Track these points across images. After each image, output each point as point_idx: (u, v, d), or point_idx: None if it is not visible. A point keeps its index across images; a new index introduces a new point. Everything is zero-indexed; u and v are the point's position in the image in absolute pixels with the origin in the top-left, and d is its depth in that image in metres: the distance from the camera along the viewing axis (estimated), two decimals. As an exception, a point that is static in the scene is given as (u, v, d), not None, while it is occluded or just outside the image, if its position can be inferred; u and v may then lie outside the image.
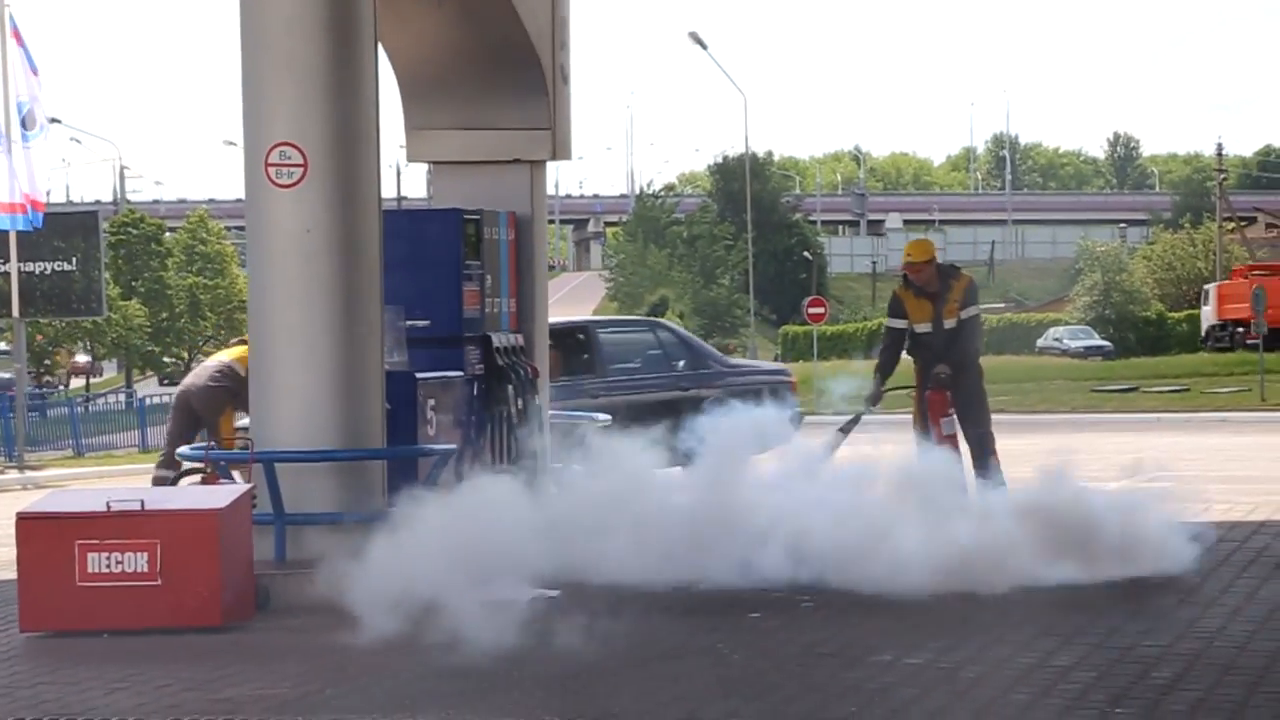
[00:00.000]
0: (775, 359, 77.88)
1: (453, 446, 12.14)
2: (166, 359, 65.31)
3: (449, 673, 8.58)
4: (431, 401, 12.38)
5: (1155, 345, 66.04)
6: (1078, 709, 7.46)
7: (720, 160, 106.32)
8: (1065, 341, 69.21)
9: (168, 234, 67.19)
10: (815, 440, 13.14)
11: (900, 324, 13.57)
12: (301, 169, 11.44)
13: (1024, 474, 12.40)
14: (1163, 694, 7.69)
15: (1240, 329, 59.82)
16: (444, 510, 10.60)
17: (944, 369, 13.38)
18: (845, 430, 13.39)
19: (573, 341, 20.31)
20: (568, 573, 10.80)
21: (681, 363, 20.99)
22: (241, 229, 13.04)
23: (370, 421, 11.61)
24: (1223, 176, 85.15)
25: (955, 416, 13.43)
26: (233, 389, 14.41)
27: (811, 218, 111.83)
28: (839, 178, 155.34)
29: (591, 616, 9.42)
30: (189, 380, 14.93)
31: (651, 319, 31.35)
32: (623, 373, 20.93)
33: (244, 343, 14.17)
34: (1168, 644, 8.76)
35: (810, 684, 8.11)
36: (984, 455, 13.42)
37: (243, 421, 14.14)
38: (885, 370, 13.73)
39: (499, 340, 13.34)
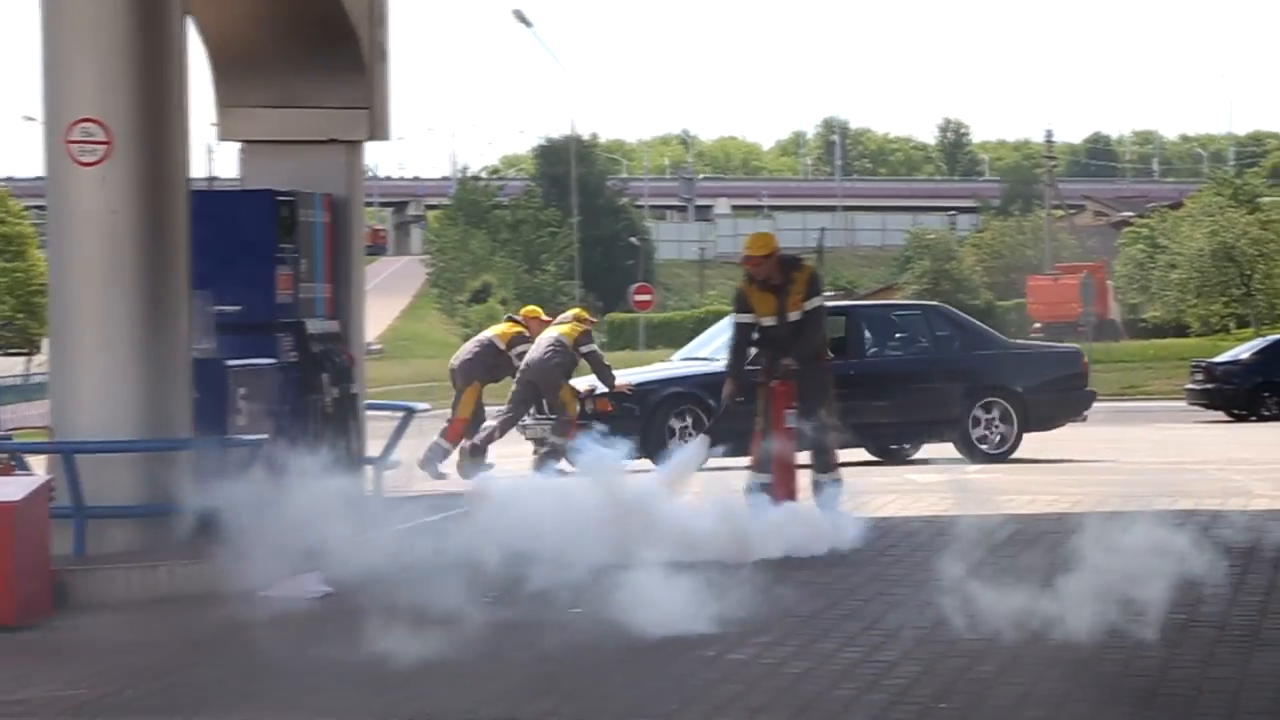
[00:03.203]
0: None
1: (264, 437, 12.01)
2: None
3: (259, 671, 8.49)
4: (242, 390, 12.24)
5: (984, 334, 67.05)
6: (902, 704, 7.55)
7: (545, 142, 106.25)
8: (895, 329, 70.03)
9: (-38, 213, 65.80)
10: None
11: (747, 319, 13.63)
12: (105, 146, 11.25)
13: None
14: (987, 688, 7.81)
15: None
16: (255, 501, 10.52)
17: (791, 361, 13.47)
18: (710, 430, 13.56)
19: (834, 325, 20.70)
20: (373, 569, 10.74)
21: (954, 342, 21.39)
22: (42, 209, 12.82)
23: (177, 411, 11.46)
24: (1052, 164, 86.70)
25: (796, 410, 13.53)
26: (489, 364, 19.31)
27: (639, 202, 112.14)
28: (667, 161, 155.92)
29: (406, 614, 9.37)
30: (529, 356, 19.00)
31: (926, 303, 32.00)
32: (888, 353, 21.47)
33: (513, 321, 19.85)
34: (992, 637, 8.89)
35: (630, 680, 8.12)
36: (823, 451, 13.54)
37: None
38: (738, 366, 13.79)
39: (314, 327, 13.22)
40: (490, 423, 19.55)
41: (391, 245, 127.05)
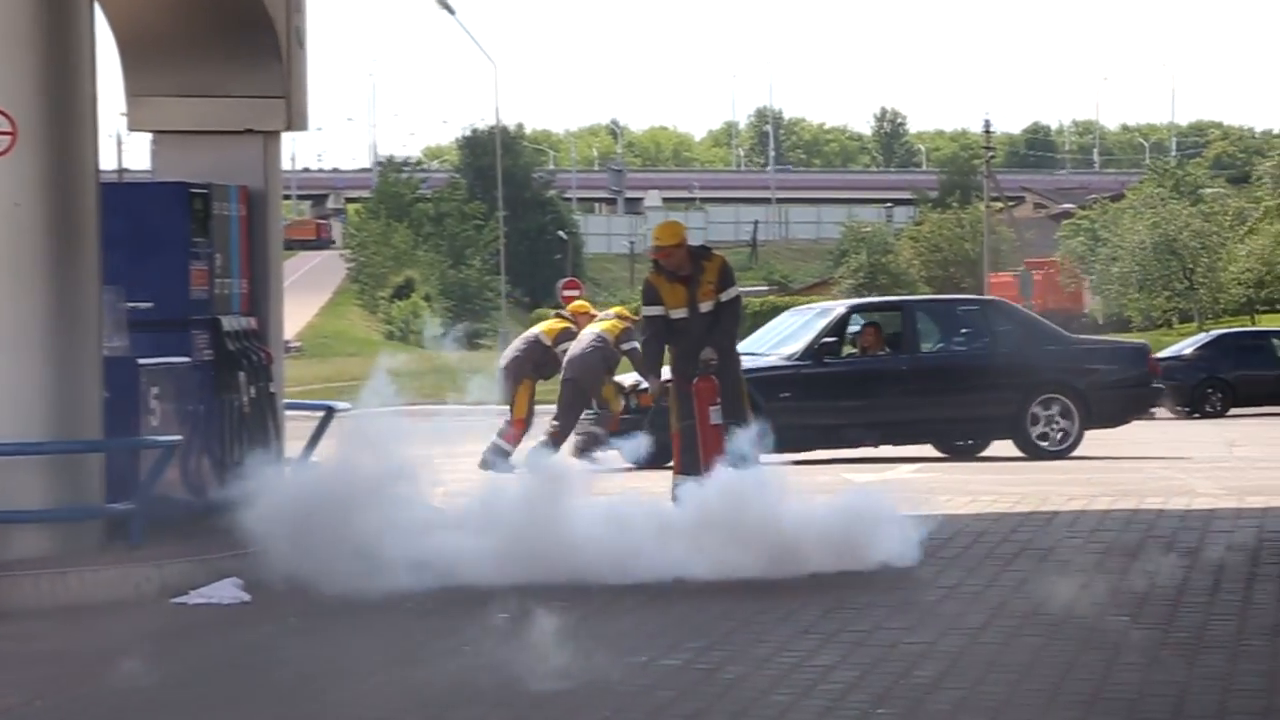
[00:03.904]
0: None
1: (177, 438, 11.94)
2: None
3: (173, 681, 8.44)
4: (155, 389, 12.16)
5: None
6: (839, 709, 7.57)
7: (469, 133, 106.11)
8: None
9: None
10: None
11: (657, 311, 13.62)
12: (9, 138, 11.16)
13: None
14: (926, 693, 7.84)
15: None
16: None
17: (711, 355, 13.47)
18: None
19: (890, 319, 21.74)
20: (291, 576, 10.71)
21: (1012, 338, 21.60)
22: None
23: (86, 411, 11.37)
24: (990, 155, 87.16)
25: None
26: (536, 361, 19.84)
27: (566, 195, 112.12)
28: (595, 153, 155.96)
29: (327, 620, 9.34)
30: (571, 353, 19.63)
31: (986, 298, 32.42)
32: (944, 349, 21.83)
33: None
34: (931, 641, 8.93)
35: (563, 686, 8.11)
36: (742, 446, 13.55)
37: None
38: (654, 362, 13.80)
39: (229, 324, 13.13)
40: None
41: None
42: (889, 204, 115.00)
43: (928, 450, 21.29)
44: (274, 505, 11.18)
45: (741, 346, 23.88)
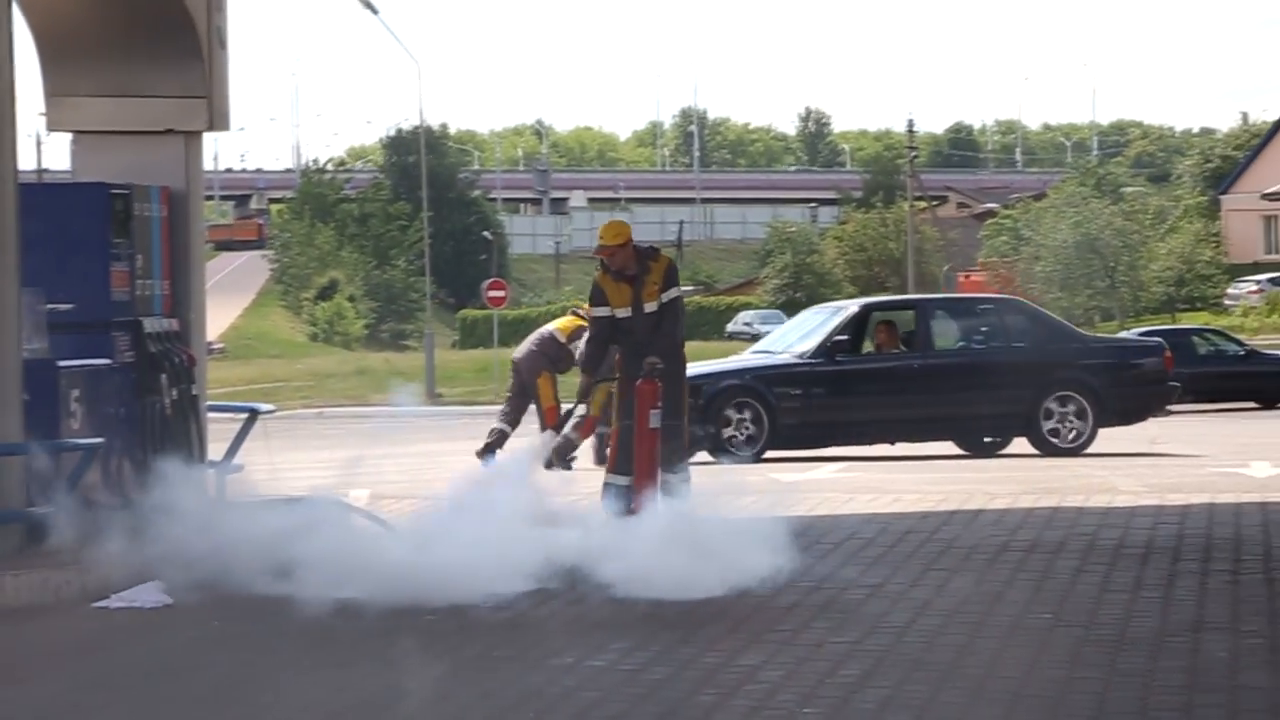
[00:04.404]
0: (453, 345, 77.89)
1: (99, 440, 11.84)
2: None
3: (95, 686, 8.37)
4: (75, 392, 12.06)
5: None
6: (765, 709, 7.58)
7: (393, 133, 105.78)
8: (756, 326, 70.54)
9: None
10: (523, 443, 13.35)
11: (604, 312, 13.60)
12: (-73, 137, 11.03)
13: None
14: (852, 692, 7.86)
15: None
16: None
17: (656, 360, 13.46)
18: (558, 429, 13.57)
19: (904, 317, 22.00)
20: (217, 580, 10.64)
21: (1028, 337, 21.70)
22: None
23: (6, 413, 11.26)
24: (914, 154, 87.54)
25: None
26: (551, 356, 19.49)
27: (491, 195, 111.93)
28: (520, 153, 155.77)
29: (249, 625, 9.29)
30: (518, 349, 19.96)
31: (1002, 296, 32.48)
32: (958, 346, 22.06)
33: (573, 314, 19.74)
34: (856, 640, 8.95)
35: (488, 689, 8.10)
36: (675, 449, 13.57)
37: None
38: (594, 362, 13.78)
39: (151, 325, 13.04)
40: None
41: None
42: (814, 204, 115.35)
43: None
44: (196, 508, 11.12)
45: (759, 345, 24.31)
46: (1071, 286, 70.34)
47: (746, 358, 23.12)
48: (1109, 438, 21.66)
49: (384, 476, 16.21)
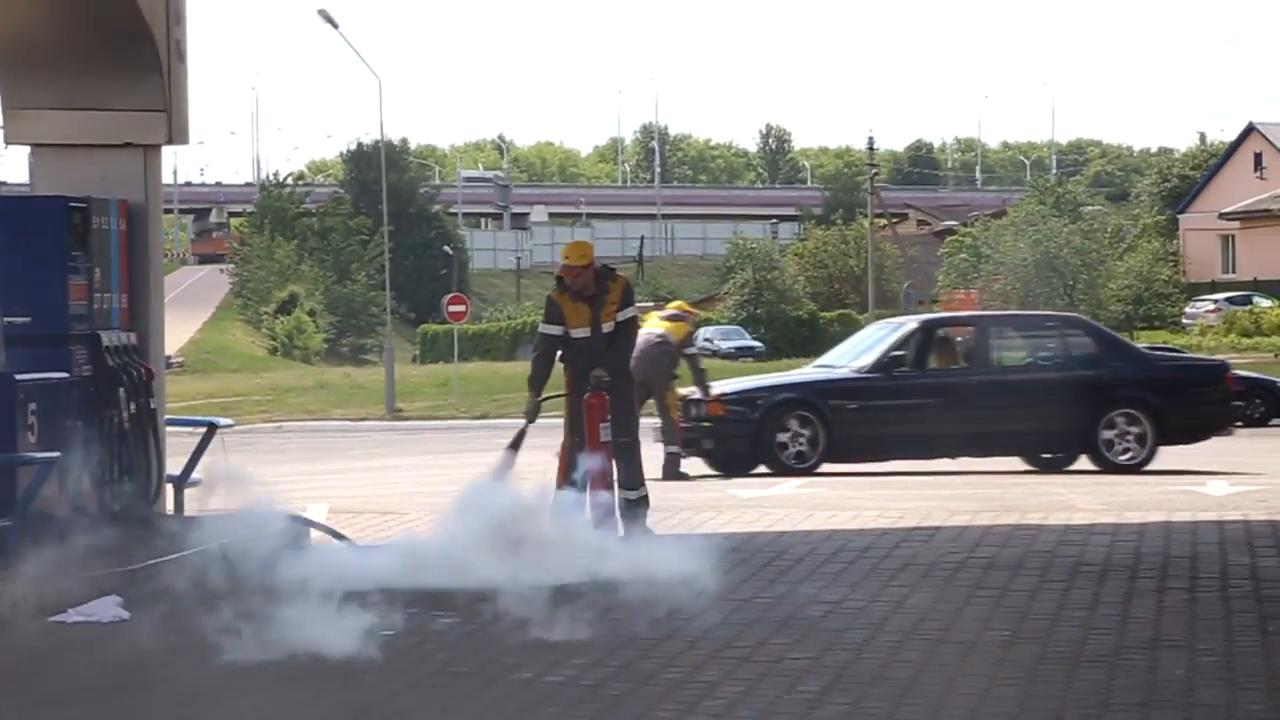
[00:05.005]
0: (413, 360, 77.75)
1: (56, 455, 11.78)
2: None
3: (52, 701, 8.33)
4: (32, 406, 11.99)
5: (807, 346, 67.71)
6: (724, 726, 7.57)
7: (354, 147, 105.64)
8: (716, 342, 70.55)
9: None
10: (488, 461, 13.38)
11: (555, 330, 13.62)
12: (-116, 149, 10.98)
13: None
14: (810, 708, 7.86)
15: None
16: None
17: (602, 373, 13.50)
18: (515, 446, 13.56)
19: (962, 334, 22.28)
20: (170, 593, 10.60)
21: (1089, 354, 21.84)
22: None
23: (-37, 428, 11.18)
24: (874, 171, 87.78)
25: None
26: (674, 359, 20.08)
27: (452, 209, 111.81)
28: (481, 168, 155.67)
29: (209, 638, 9.25)
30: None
31: (1064, 313, 32.75)
32: (1018, 362, 22.37)
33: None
34: (816, 656, 8.96)
35: (445, 705, 8.08)
36: (630, 464, 13.60)
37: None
38: (540, 380, 13.80)
39: (109, 339, 12.98)
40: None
41: (192, 254, 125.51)
42: (774, 220, 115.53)
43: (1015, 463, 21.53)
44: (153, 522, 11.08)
45: (819, 360, 24.67)
46: (1031, 304, 70.55)
47: (804, 372, 23.77)
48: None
49: (342, 490, 16.20)
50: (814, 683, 8.34)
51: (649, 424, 21.67)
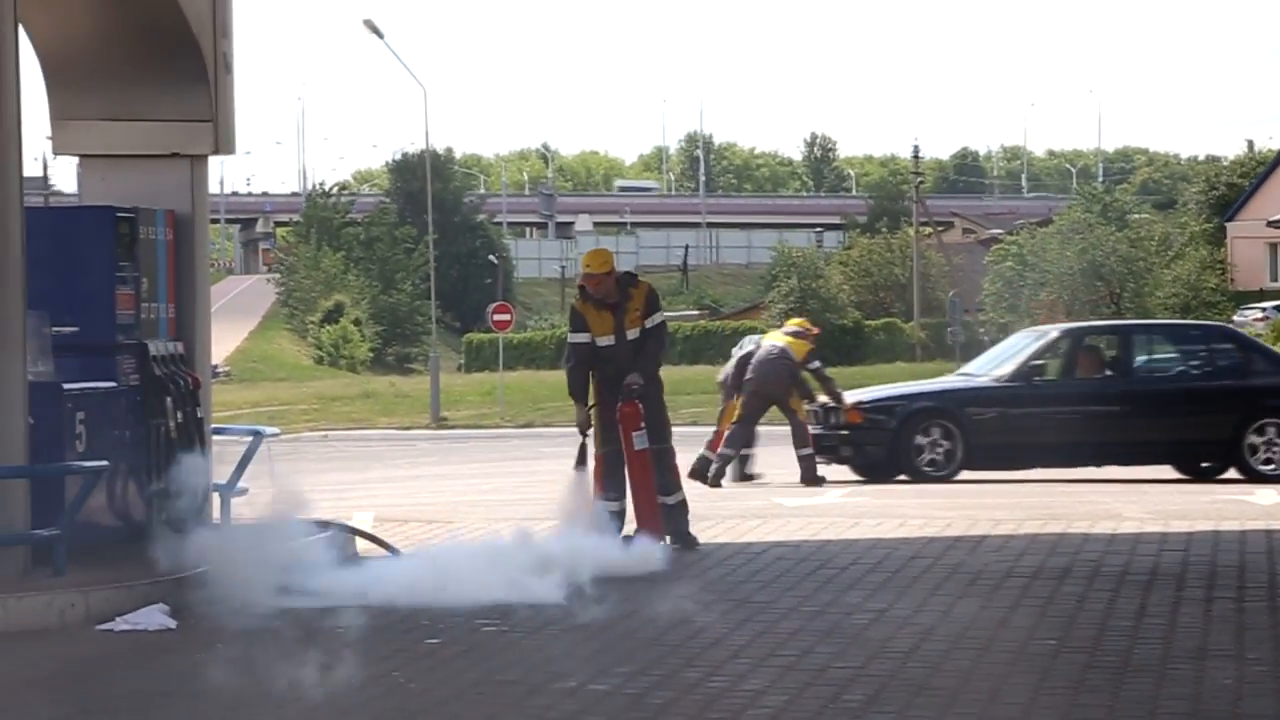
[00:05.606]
0: (458, 369, 77.90)
1: (104, 463, 11.85)
2: None
3: (100, 709, 8.36)
4: (80, 415, 12.06)
5: (852, 354, 67.60)
6: (768, 734, 7.57)
7: (399, 157, 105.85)
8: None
9: None
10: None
11: (583, 339, 13.62)
12: (-66, 160, 11.05)
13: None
14: (855, 717, 7.85)
15: None
16: None
17: (636, 379, 13.48)
18: (582, 462, 13.57)
19: (1109, 343, 22.36)
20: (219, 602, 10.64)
21: (1234, 363, 21.89)
22: None
23: (11, 436, 11.26)
24: (919, 180, 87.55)
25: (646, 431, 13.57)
26: (793, 371, 20.53)
27: (497, 219, 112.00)
28: (526, 177, 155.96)
29: (254, 647, 9.28)
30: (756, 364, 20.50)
31: (1209, 323, 32.79)
32: (1162, 372, 22.21)
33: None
34: (861, 665, 8.95)
35: (490, 713, 8.09)
36: (666, 471, 13.61)
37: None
38: (581, 390, 13.76)
39: (156, 348, 13.05)
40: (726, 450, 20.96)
41: (240, 263, 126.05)
42: (819, 229, 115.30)
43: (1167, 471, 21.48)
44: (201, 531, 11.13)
45: (961, 369, 24.68)
46: (1077, 313, 70.27)
47: (945, 380, 23.98)
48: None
49: (388, 499, 16.24)
50: (859, 691, 8.33)
51: (776, 431, 22.01)
